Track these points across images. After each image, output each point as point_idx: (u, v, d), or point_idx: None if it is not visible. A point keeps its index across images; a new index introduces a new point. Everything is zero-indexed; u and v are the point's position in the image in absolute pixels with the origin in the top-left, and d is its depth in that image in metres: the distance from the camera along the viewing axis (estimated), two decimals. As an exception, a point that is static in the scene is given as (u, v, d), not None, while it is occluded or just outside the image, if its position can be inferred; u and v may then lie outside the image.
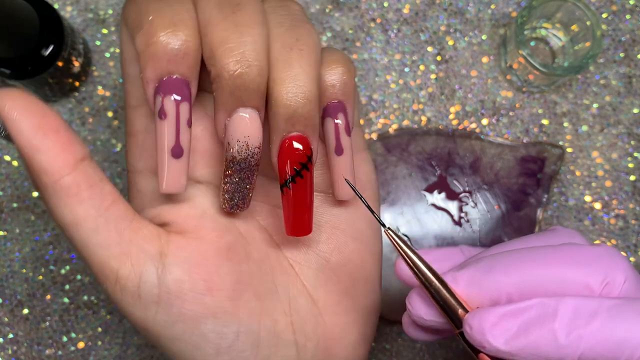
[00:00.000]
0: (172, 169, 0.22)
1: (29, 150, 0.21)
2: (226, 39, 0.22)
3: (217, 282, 0.24)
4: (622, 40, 0.48)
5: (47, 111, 0.22)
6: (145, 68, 0.22)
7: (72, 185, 0.22)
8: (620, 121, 0.47)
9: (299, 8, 0.25)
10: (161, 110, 0.22)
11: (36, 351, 0.45)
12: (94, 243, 0.22)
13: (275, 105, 0.23)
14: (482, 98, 0.47)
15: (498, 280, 0.22)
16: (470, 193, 0.46)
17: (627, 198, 0.46)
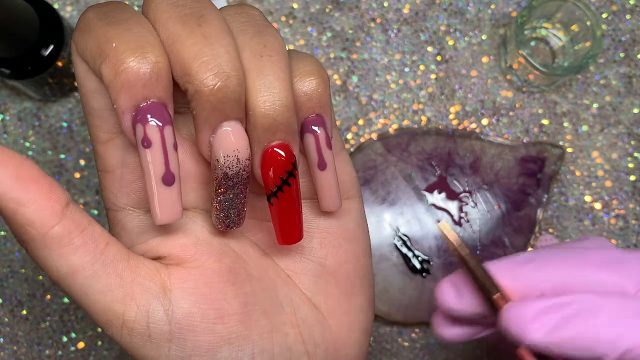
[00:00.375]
0: (165, 197, 0.21)
1: (10, 205, 0.20)
2: (199, 52, 0.20)
3: (226, 308, 0.23)
4: (622, 40, 0.48)
5: (22, 160, 0.21)
6: (119, 98, 0.20)
7: (63, 234, 0.21)
8: (620, 121, 0.47)
9: (258, 13, 0.24)
10: (144, 138, 0.21)
11: (36, 351, 0.45)
12: (94, 290, 0.21)
13: (254, 116, 0.22)
14: (482, 98, 0.47)
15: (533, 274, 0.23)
16: (471, 193, 0.46)
17: (627, 198, 0.46)
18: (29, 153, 0.46)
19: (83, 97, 0.22)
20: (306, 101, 0.24)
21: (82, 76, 0.22)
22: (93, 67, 0.21)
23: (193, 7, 0.21)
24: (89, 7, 0.22)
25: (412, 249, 0.45)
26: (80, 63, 0.22)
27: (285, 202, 0.23)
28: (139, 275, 0.22)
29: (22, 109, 0.47)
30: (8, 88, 0.47)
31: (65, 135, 0.46)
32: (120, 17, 0.21)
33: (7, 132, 0.46)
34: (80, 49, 0.21)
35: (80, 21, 0.22)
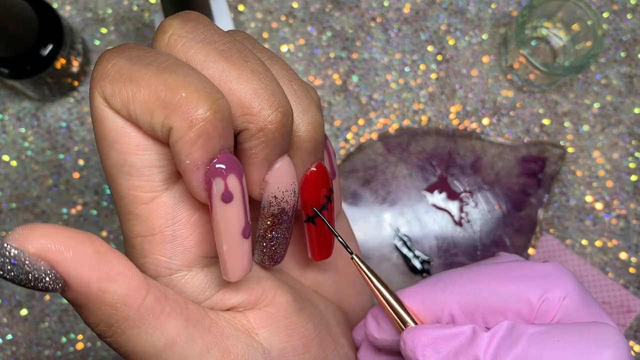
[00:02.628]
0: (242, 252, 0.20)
1: (99, 285, 0.18)
2: (257, 89, 0.19)
3: (307, 335, 0.23)
4: (623, 40, 0.47)
5: (90, 236, 0.18)
6: (193, 152, 0.18)
7: (155, 303, 0.19)
8: (621, 121, 0.47)
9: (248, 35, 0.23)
10: (225, 192, 0.19)
11: (35, 352, 0.45)
12: (193, 355, 0.20)
13: (299, 141, 0.21)
14: (483, 98, 0.47)
15: (439, 297, 0.23)
16: (471, 193, 0.45)
17: (628, 198, 0.46)
18: (27, 153, 0.46)
19: (119, 156, 0.20)
20: None
21: (118, 132, 0.19)
22: (147, 121, 0.19)
23: (225, 41, 0.20)
24: (105, 53, 0.20)
25: (413, 250, 0.45)
26: (115, 118, 0.19)
27: (328, 219, 0.23)
28: (224, 327, 0.21)
29: (21, 109, 0.46)
30: (7, 88, 0.46)
31: (64, 135, 0.46)
32: (164, 62, 0.19)
33: (6, 131, 0.46)
34: (120, 102, 0.19)
35: (107, 70, 0.19)
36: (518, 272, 0.22)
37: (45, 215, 0.45)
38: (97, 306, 0.18)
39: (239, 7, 0.47)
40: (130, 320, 0.19)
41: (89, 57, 0.46)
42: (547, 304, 0.22)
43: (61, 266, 0.17)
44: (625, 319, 0.45)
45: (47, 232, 0.17)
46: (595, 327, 0.21)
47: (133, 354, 0.19)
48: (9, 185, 0.46)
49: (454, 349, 0.21)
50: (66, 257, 0.17)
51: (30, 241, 0.17)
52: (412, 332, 0.22)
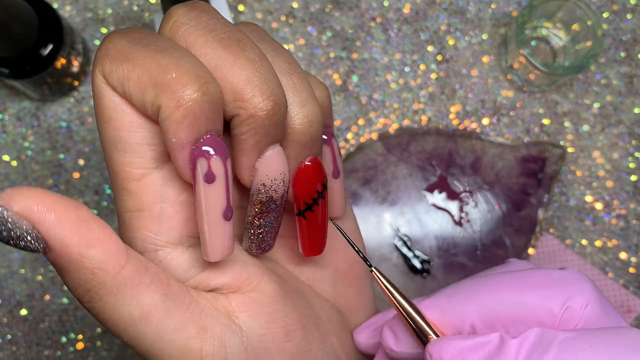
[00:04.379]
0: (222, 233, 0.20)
1: (78, 249, 0.18)
2: (250, 77, 0.20)
3: (290, 325, 0.23)
4: (623, 40, 0.47)
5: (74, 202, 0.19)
6: (180, 131, 0.19)
7: (133, 273, 0.19)
8: (621, 121, 0.47)
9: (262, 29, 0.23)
10: (208, 173, 0.20)
11: (35, 352, 0.45)
12: (169, 330, 0.20)
13: (293, 133, 0.21)
14: (483, 98, 0.47)
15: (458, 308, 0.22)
16: (471, 193, 0.46)
17: (628, 198, 0.46)
18: (27, 153, 0.46)
19: (114, 132, 0.20)
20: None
21: (115, 109, 0.20)
22: (140, 99, 0.19)
23: (226, 30, 0.20)
24: (110, 34, 0.20)
25: (413, 250, 0.45)
26: (112, 95, 0.20)
27: (319, 215, 0.23)
28: (205, 307, 0.21)
29: (21, 109, 0.46)
30: (7, 88, 0.46)
31: (64, 135, 0.46)
32: (164, 45, 0.20)
33: (6, 131, 0.46)
34: (117, 80, 0.20)
35: (109, 50, 0.20)
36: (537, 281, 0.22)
37: (45, 215, 0.45)
38: (76, 270, 0.19)
39: (239, 7, 0.47)
40: (107, 286, 0.19)
41: (89, 57, 0.46)
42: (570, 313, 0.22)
43: (42, 227, 0.18)
44: (625, 319, 0.45)
45: (32, 194, 0.18)
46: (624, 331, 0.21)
47: (110, 321, 0.20)
48: (9, 185, 0.46)
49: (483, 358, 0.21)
50: (48, 219, 0.18)
51: (15, 200, 0.17)
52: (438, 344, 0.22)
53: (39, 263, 0.45)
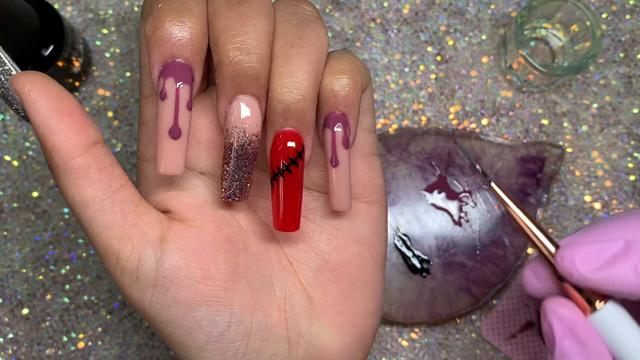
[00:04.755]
0: (169, 150, 0.23)
1: (44, 131, 0.22)
2: (229, 27, 0.22)
3: (212, 272, 0.24)
4: (621, 40, 0.48)
5: (64, 95, 0.23)
6: (152, 52, 0.22)
7: (82, 166, 0.23)
8: (620, 121, 0.47)
9: (311, 8, 0.25)
10: (162, 91, 0.22)
11: (36, 351, 0.45)
12: (98, 224, 0.23)
13: (271, 99, 0.23)
14: (482, 98, 0.47)
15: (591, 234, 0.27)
16: (470, 193, 0.46)
17: (627, 198, 0.46)
18: (29, 153, 0.46)
19: (140, 54, 0.25)
20: (331, 97, 0.24)
21: (142, 35, 0.24)
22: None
23: None
24: None
25: (412, 249, 0.45)
26: (142, 22, 0.24)
27: (285, 188, 0.24)
28: (142, 221, 0.24)
29: (23, 109, 0.47)
30: (8, 88, 0.47)
31: (65, 135, 0.46)
32: None
33: (7, 132, 0.46)
34: (143, 9, 0.24)
35: None
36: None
37: (47, 215, 0.46)
38: (42, 146, 0.23)
39: (239, 7, 0.47)
40: (59, 168, 0.23)
41: (90, 57, 0.47)
42: None
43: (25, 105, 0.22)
44: (623, 319, 0.45)
45: (31, 78, 0.22)
46: None
47: (62, 196, 0.24)
48: (10, 185, 0.46)
49: (610, 257, 0.25)
50: (28, 100, 0.22)
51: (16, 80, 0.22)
52: (569, 247, 0.26)
53: (40, 263, 0.45)
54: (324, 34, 0.24)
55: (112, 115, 0.46)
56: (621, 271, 0.26)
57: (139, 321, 0.45)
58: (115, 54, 0.47)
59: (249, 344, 0.25)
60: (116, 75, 0.47)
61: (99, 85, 0.47)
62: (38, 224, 0.46)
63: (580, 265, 0.26)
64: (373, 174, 0.27)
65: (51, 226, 0.46)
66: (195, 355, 0.25)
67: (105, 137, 0.46)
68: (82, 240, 0.46)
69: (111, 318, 0.45)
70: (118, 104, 0.46)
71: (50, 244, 0.46)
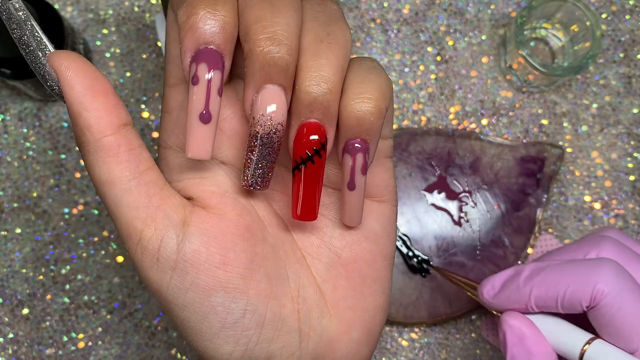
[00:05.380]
0: (199, 134, 0.23)
1: (77, 108, 0.23)
2: (261, 17, 0.23)
3: (231, 258, 0.25)
4: (621, 41, 0.48)
5: (98, 75, 0.23)
6: (184, 39, 0.23)
7: (113, 145, 0.23)
8: (619, 121, 0.47)
9: (337, 8, 0.26)
10: (194, 76, 0.23)
11: (36, 351, 0.45)
12: (124, 203, 0.24)
13: (298, 90, 0.24)
14: (482, 98, 0.47)
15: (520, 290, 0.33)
16: (470, 193, 0.46)
17: (627, 198, 0.46)
18: (29, 153, 0.46)
19: (167, 43, 0.25)
20: (355, 125, 0.24)
21: (170, 25, 0.25)
22: (176, 14, 0.23)
23: None
24: None
25: (412, 249, 0.45)
26: (171, 13, 0.24)
27: (307, 177, 0.25)
28: (166, 204, 0.24)
29: (23, 109, 0.47)
30: (9, 88, 0.47)
31: (65, 135, 0.46)
32: None
33: (8, 132, 0.46)
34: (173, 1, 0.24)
35: None
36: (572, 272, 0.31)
37: (47, 215, 0.46)
38: (75, 122, 0.23)
39: (239, 7, 0.48)
40: (89, 145, 0.23)
41: (91, 57, 0.47)
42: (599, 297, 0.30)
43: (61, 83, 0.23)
44: None
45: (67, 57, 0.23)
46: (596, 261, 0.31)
47: (89, 173, 0.24)
48: (10, 185, 0.46)
49: (505, 282, 0.34)
50: (64, 78, 0.23)
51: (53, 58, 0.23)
52: (482, 283, 0.35)
53: (40, 263, 0.45)
54: (349, 33, 0.25)
55: (112, 115, 0.46)
56: (510, 291, 0.33)
57: (139, 321, 0.45)
58: (115, 54, 0.47)
59: (262, 333, 0.25)
60: (116, 75, 0.47)
61: (99, 85, 0.47)
62: (38, 224, 0.46)
63: (487, 294, 0.34)
64: (386, 175, 0.28)
65: (51, 226, 0.46)
66: (209, 341, 0.25)
67: (105, 137, 0.46)
68: (82, 240, 0.46)
69: (111, 318, 0.45)
70: (118, 104, 0.46)
71: (51, 244, 0.46)
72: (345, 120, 0.24)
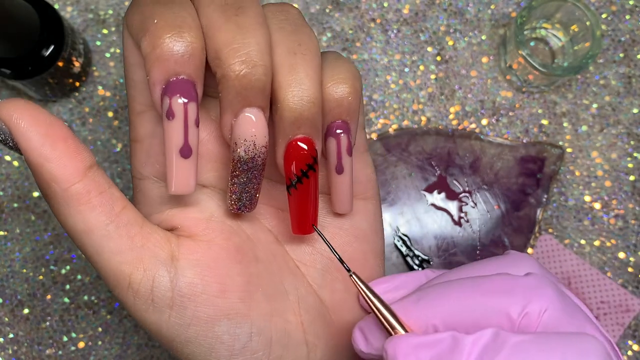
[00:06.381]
0: (180, 169, 0.22)
1: (38, 160, 0.21)
2: (231, 40, 0.22)
3: (229, 284, 0.24)
4: (621, 41, 0.48)
5: (53, 120, 0.22)
6: (152, 70, 0.22)
7: (82, 192, 0.22)
8: (619, 121, 0.47)
9: (297, 12, 0.25)
10: (169, 111, 0.22)
11: (36, 351, 0.45)
12: (106, 250, 0.22)
13: (282, 109, 0.23)
14: (482, 98, 0.47)
15: (423, 312, 0.23)
16: (470, 193, 0.46)
17: (627, 198, 0.46)
18: (29, 153, 0.46)
19: (126, 68, 0.24)
20: (335, 107, 0.24)
21: (128, 49, 0.23)
22: (136, 40, 0.22)
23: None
24: None
25: (412, 249, 0.45)
26: (128, 37, 0.23)
27: (303, 194, 0.24)
28: (150, 241, 0.23)
29: (23, 109, 0.47)
30: (8, 88, 0.47)
31: (65, 135, 0.46)
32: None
33: (8, 132, 0.46)
34: (129, 24, 0.23)
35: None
36: (500, 287, 0.23)
37: (47, 215, 0.46)
38: (37, 176, 0.22)
39: (239, 7, 0.48)
40: (57, 197, 0.22)
41: (90, 57, 0.47)
42: (528, 318, 0.22)
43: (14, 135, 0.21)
44: (623, 318, 0.45)
45: (16, 106, 0.21)
46: (578, 337, 0.21)
47: (62, 226, 0.23)
48: (10, 185, 0.46)
49: (436, 356, 0.21)
50: (18, 129, 0.21)
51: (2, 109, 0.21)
52: (394, 341, 0.22)
53: (40, 263, 0.45)
54: (315, 36, 0.24)
55: (112, 115, 0.46)
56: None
57: (139, 321, 0.45)
58: (115, 54, 0.47)
59: (271, 352, 0.25)
60: (116, 75, 0.47)
61: (99, 85, 0.47)
62: (38, 224, 0.46)
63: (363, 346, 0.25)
64: (368, 170, 0.28)
65: (51, 226, 0.46)
66: None
67: (105, 137, 0.46)
68: (82, 240, 0.46)
69: (111, 318, 0.45)
70: (118, 104, 0.46)
71: (51, 244, 0.46)
72: (325, 105, 0.24)
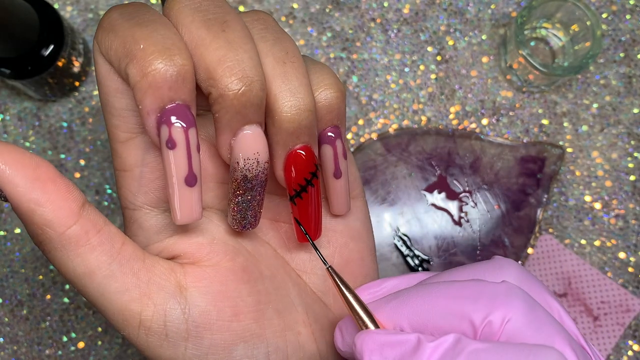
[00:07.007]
0: (186, 198, 0.21)
1: (28, 206, 0.20)
2: (223, 57, 0.21)
3: (241, 306, 0.24)
4: (622, 40, 0.48)
5: (38, 161, 0.20)
6: (144, 99, 0.20)
7: (80, 234, 0.21)
8: (620, 121, 0.47)
9: (272, 19, 0.24)
10: (169, 140, 0.21)
11: (36, 351, 0.45)
12: (111, 290, 0.21)
13: (280, 120, 0.22)
14: (482, 98, 0.47)
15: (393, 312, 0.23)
16: (470, 193, 0.46)
17: (627, 198, 0.46)
18: (29, 153, 0.46)
19: (104, 96, 0.22)
20: (326, 113, 0.24)
21: (104, 76, 0.22)
22: (118, 67, 0.21)
23: (216, 12, 0.21)
24: (112, 7, 0.22)
25: (412, 249, 0.45)
26: (103, 63, 0.22)
27: (309, 202, 0.24)
28: (155, 274, 0.22)
29: (22, 109, 0.47)
30: (8, 88, 0.47)
31: (65, 135, 0.46)
32: (146, 19, 0.21)
33: (7, 132, 0.46)
34: (104, 49, 0.21)
35: (103, 21, 0.21)
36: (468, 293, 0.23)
37: (47, 215, 0.46)
38: (28, 223, 0.20)
39: (239, 7, 0.47)
40: (53, 242, 0.21)
41: (90, 57, 0.47)
42: (490, 327, 0.22)
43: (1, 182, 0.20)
44: (624, 318, 0.45)
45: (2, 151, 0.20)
46: (537, 350, 0.21)
47: (60, 271, 0.21)
48: (10, 185, 0.46)
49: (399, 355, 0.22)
50: (3, 174, 0.20)
51: None
52: (362, 336, 0.23)
53: (40, 263, 0.45)
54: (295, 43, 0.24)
55: (112, 115, 0.46)
56: None
57: (139, 321, 0.45)
58: (115, 54, 0.47)
59: None
60: (116, 75, 0.47)
61: (98, 85, 0.47)
62: (38, 224, 0.46)
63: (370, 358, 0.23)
64: (352, 168, 0.28)
65: (51, 226, 0.46)
66: None
67: (105, 137, 0.46)
68: (82, 240, 0.46)
69: (111, 318, 0.45)
70: (118, 104, 0.46)
71: (50, 244, 0.46)
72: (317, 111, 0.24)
